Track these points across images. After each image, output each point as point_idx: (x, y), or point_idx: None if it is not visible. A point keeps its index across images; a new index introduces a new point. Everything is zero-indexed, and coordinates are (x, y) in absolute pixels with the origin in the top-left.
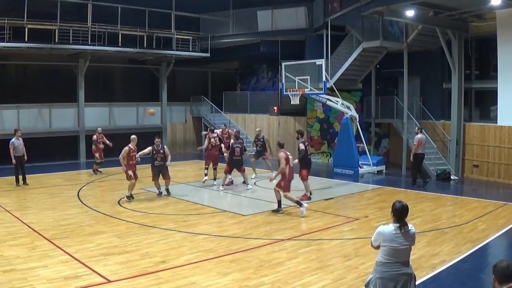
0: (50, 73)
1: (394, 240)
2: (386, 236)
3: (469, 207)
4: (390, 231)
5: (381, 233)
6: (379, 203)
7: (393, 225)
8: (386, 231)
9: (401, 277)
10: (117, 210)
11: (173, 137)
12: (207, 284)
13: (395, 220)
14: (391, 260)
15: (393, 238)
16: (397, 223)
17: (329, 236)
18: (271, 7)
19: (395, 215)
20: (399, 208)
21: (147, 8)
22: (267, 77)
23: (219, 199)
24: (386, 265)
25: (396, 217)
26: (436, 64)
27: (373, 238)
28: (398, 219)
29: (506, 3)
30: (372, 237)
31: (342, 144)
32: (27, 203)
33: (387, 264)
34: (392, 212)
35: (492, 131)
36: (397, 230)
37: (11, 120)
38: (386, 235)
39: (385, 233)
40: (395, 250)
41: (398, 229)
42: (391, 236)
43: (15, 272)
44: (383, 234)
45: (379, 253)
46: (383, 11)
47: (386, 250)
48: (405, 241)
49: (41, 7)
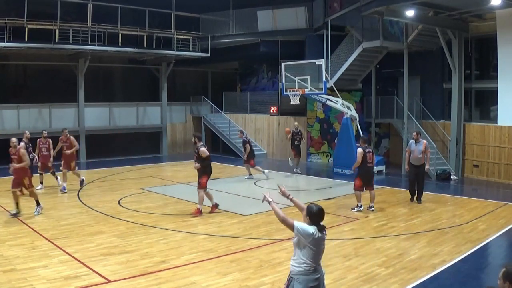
0: (50, 73)
1: (321, 243)
2: (316, 239)
3: (469, 207)
4: (316, 233)
5: (312, 233)
6: (379, 203)
7: (313, 227)
8: (314, 231)
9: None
10: (117, 210)
11: (173, 137)
12: (207, 284)
13: (313, 223)
14: (316, 264)
15: (320, 241)
16: (315, 225)
17: (329, 236)
18: (271, 7)
19: (312, 218)
20: (317, 211)
21: (147, 8)
22: (267, 77)
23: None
24: (315, 271)
25: (313, 220)
26: (436, 64)
27: (302, 225)
28: (316, 222)
29: (506, 3)
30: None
31: (342, 144)
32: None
33: (316, 269)
34: (308, 216)
35: (492, 131)
36: (320, 232)
37: (11, 120)
38: (316, 237)
39: (314, 234)
40: (319, 254)
41: (320, 232)
42: (319, 241)
43: (15, 272)
44: (313, 235)
45: (302, 259)
46: (383, 11)
47: (313, 254)
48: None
49: (41, 7)
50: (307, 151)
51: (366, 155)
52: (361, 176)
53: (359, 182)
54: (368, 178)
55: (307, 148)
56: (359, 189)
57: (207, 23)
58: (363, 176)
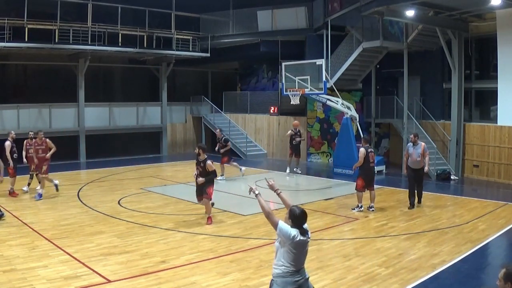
0: (50, 73)
1: (303, 247)
2: (297, 242)
3: (469, 207)
4: (297, 236)
5: (293, 236)
6: (379, 203)
7: (296, 230)
8: (296, 234)
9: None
10: (117, 210)
11: (173, 137)
12: (207, 284)
13: (295, 225)
14: (297, 267)
15: (302, 245)
16: (298, 228)
17: (329, 236)
18: (271, 7)
19: (294, 221)
20: (299, 214)
21: (147, 8)
22: (267, 77)
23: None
24: (295, 274)
25: (295, 223)
26: (436, 64)
27: (285, 226)
28: (298, 225)
29: (506, 3)
30: (282, 225)
31: (342, 144)
32: (27, 203)
33: (296, 272)
34: (290, 218)
35: (492, 131)
36: (303, 236)
37: (11, 120)
38: (297, 240)
39: (295, 237)
40: (301, 257)
41: (302, 235)
42: (300, 244)
43: (15, 272)
44: (294, 238)
45: (281, 261)
46: (383, 11)
47: (293, 257)
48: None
49: (41, 7)
50: (307, 151)
51: (369, 155)
52: (363, 176)
53: (362, 182)
54: (370, 178)
55: (307, 148)
56: (361, 190)
57: (207, 23)
58: (365, 176)
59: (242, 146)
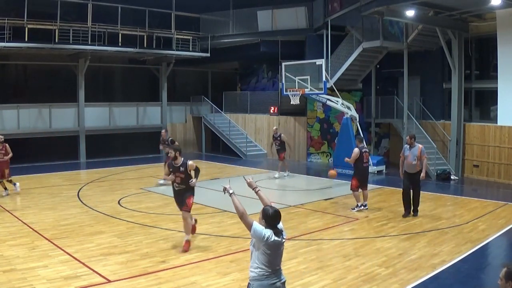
0: (50, 73)
1: (278, 248)
2: (271, 243)
3: (469, 207)
4: (271, 237)
5: (267, 237)
6: (379, 203)
7: (269, 231)
8: (269, 235)
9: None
10: (117, 210)
11: (173, 137)
12: (207, 284)
13: (268, 226)
14: (272, 269)
15: (276, 245)
16: (271, 229)
17: (329, 236)
18: (271, 7)
19: (268, 221)
20: (273, 214)
21: (147, 8)
22: (267, 77)
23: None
24: (271, 276)
25: (269, 223)
26: (436, 64)
27: (259, 227)
28: (271, 225)
29: (506, 3)
30: (257, 226)
31: (342, 144)
32: (27, 203)
33: (272, 274)
34: (263, 219)
35: (492, 131)
36: (277, 236)
37: (11, 120)
38: (270, 241)
39: (269, 238)
40: (275, 258)
41: (276, 236)
42: (275, 245)
43: (15, 272)
44: (267, 238)
45: (256, 264)
46: (383, 11)
47: (267, 259)
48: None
49: (41, 7)
50: (307, 151)
51: (363, 154)
52: (357, 176)
53: (356, 182)
54: (364, 178)
55: (307, 148)
56: (356, 189)
57: (207, 23)
58: (360, 176)
59: (242, 146)
